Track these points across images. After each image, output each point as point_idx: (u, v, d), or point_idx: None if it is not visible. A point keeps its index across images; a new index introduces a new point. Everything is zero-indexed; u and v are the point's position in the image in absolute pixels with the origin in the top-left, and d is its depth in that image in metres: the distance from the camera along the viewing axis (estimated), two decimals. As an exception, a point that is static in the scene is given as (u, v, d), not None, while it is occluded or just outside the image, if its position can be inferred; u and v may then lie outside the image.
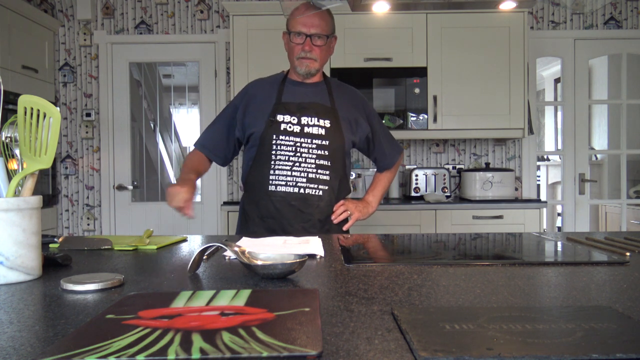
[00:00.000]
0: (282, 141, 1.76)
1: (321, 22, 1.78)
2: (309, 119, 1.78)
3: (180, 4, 3.77)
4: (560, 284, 0.90)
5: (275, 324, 0.62)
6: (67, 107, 3.79)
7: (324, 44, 1.79)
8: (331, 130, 1.78)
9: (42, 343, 0.58)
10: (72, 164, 3.81)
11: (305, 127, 1.77)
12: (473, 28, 3.38)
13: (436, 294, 0.82)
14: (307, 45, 1.77)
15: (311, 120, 1.78)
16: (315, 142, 1.76)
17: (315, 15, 1.77)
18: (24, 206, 0.92)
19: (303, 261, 0.95)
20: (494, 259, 1.16)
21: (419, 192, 3.42)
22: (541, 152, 5.52)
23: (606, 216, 4.64)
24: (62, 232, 3.81)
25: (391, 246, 1.41)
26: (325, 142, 1.77)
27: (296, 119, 1.77)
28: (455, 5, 2.04)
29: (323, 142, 1.77)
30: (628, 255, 1.14)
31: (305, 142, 1.76)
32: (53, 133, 0.98)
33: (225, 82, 3.75)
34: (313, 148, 1.76)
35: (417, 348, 0.53)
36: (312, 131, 1.77)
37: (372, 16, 3.33)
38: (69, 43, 3.78)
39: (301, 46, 1.78)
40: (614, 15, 3.79)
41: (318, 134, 1.77)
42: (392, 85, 3.39)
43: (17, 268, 0.91)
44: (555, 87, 5.71)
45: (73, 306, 0.75)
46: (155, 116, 4.10)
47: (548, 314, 0.66)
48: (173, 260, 1.15)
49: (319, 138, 1.77)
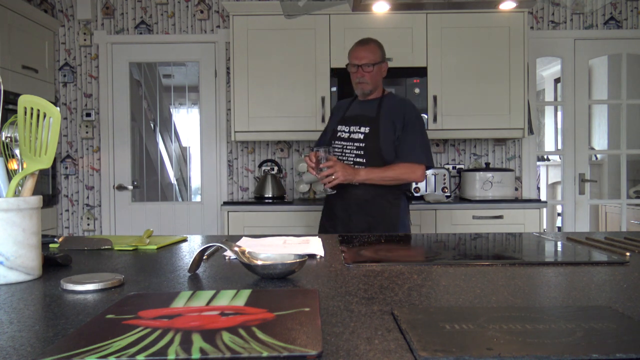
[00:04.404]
0: (336, 145, 2.29)
1: (368, 54, 2.25)
2: (354, 127, 2.27)
3: (180, 4, 3.77)
4: (560, 284, 0.90)
5: (275, 324, 0.62)
6: (67, 107, 3.79)
7: (372, 70, 2.25)
8: (369, 135, 2.22)
9: (42, 343, 0.58)
10: (72, 164, 3.81)
11: (351, 134, 2.27)
12: (473, 28, 3.38)
13: (436, 294, 0.82)
14: (359, 73, 2.25)
15: (355, 129, 2.26)
16: (356, 144, 2.23)
17: (363, 49, 2.26)
18: (24, 206, 0.92)
19: (303, 261, 0.95)
20: (494, 259, 1.16)
21: (419, 192, 3.42)
22: (541, 152, 5.52)
23: (606, 216, 4.64)
24: (62, 232, 3.81)
25: (391, 246, 1.41)
26: (362, 144, 2.22)
27: (347, 128, 2.29)
28: (455, 5, 2.05)
29: (361, 144, 2.22)
30: (628, 255, 1.14)
31: (349, 145, 2.25)
32: (53, 133, 0.98)
33: (225, 82, 3.75)
34: (354, 149, 2.24)
35: (417, 348, 0.53)
36: (354, 137, 2.25)
37: (372, 16, 3.33)
38: (69, 43, 3.78)
39: (356, 74, 2.26)
40: (614, 15, 3.79)
41: (358, 138, 2.24)
42: (392, 85, 3.39)
43: (17, 268, 0.91)
44: (555, 87, 5.71)
45: (73, 306, 0.75)
46: (155, 116, 4.10)
47: (548, 314, 0.66)
48: (173, 260, 1.15)
49: (358, 141, 2.23)
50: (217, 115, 3.79)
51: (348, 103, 2.42)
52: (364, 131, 2.24)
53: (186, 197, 4.23)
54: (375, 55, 2.26)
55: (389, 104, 2.28)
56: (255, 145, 3.78)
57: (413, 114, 2.26)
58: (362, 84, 2.27)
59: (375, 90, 2.31)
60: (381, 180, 2.17)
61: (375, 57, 2.26)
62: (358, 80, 2.27)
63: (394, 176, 2.18)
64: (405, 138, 2.22)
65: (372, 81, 2.27)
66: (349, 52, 2.32)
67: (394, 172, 2.18)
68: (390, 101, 2.31)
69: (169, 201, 4.06)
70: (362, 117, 2.28)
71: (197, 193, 4.05)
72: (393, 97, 2.36)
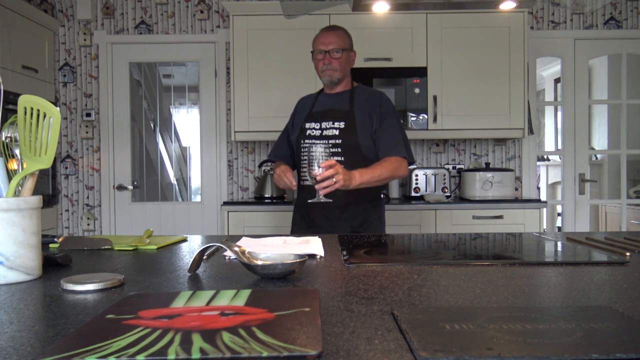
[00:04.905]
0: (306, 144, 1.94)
1: (337, 39, 2.08)
2: (327, 123, 2.08)
3: (180, 4, 3.77)
4: (560, 284, 0.90)
5: (275, 324, 0.62)
6: (67, 107, 3.79)
7: (341, 57, 2.08)
8: (345, 130, 2.04)
9: (42, 343, 0.58)
10: (72, 164, 3.81)
11: (324, 130, 2.07)
12: (473, 28, 3.38)
13: (436, 294, 0.82)
14: (327, 59, 2.07)
15: (328, 124, 2.07)
16: (331, 141, 2.04)
17: (331, 35, 2.09)
18: (24, 206, 0.92)
19: (303, 261, 0.95)
20: (494, 259, 1.16)
21: (419, 192, 3.42)
22: (541, 152, 5.52)
23: (606, 216, 4.64)
24: (62, 232, 3.81)
25: (391, 246, 1.41)
26: (338, 140, 2.04)
27: (318, 125, 2.09)
28: (455, 5, 2.05)
29: (337, 141, 2.04)
30: (628, 255, 1.14)
31: (322, 143, 2.02)
32: (53, 133, 0.98)
33: (225, 82, 3.76)
34: (328, 147, 2.02)
35: (417, 348, 0.53)
36: (328, 133, 2.06)
37: (372, 16, 3.33)
38: (69, 43, 3.78)
39: (322, 61, 2.08)
40: (614, 15, 3.79)
41: (332, 134, 2.05)
42: (392, 85, 3.39)
43: (17, 268, 0.91)
44: (555, 87, 5.71)
45: (73, 306, 0.75)
46: (155, 116, 4.10)
47: (548, 314, 0.66)
48: (173, 260, 1.15)
49: (333, 138, 2.05)
50: (217, 115, 3.79)
51: (313, 98, 2.21)
52: (339, 126, 2.05)
53: (186, 197, 4.23)
54: (344, 41, 2.09)
55: (363, 96, 2.11)
56: (255, 145, 3.78)
57: (390, 106, 2.09)
58: (330, 71, 2.07)
59: (343, 81, 2.13)
60: (376, 181, 1.94)
61: (344, 43, 2.09)
62: (325, 68, 2.07)
63: (388, 174, 1.97)
64: (386, 132, 2.04)
65: (341, 68, 2.08)
66: (314, 39, 2.13)
67: (387, 170, 1.96)
68: (363, 93, 2.13)
69: (169, 201, 4.06)
70: (334, 112, 2.09)
71: (197, 193, 4.05)
72: (365, 88, 2.17)
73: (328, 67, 2.07)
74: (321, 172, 1.71)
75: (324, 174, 1.71)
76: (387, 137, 2.03)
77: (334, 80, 2.10)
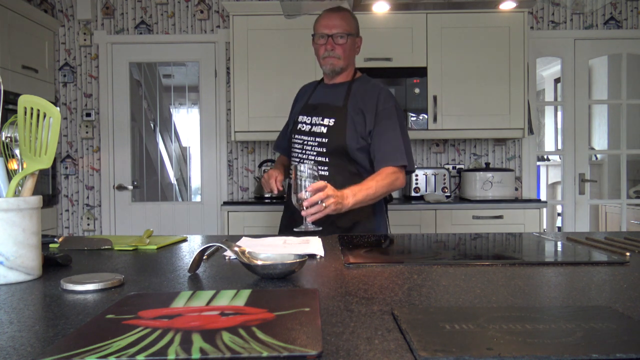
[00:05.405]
0: (296, 139, 1.89)
1: (342, 22, 1.83)
2: (317, 118, 1.86)
3: (180, 4, 3.76)
4: (560, 284, 0.90)
5: (275, 324, 0.62)
6: (67, 107, 3.79)
7: (345, 43, 1.84)
8: (333, 128, 1.82)
9: (42, 343, 0.58)
10: (72, 164, 3.81)
11: (313, 126, 1.86)
12: (473, 28, 3.38)
13: (436, 294, 0.82)
14: (330, 45, 1.83)
15: (318, 120, 1.85)
16: (318, 139, 1.83)
17: (335, 17, 1.84)
18: (24, 206, 0.92)
19: (303, 261, 0.95)
20: (494, 259, 1.16)
21: (419, 192, 3.42)
22: (541, 152, 5.52)
23: (606, 216, 4.64)
24: (62, 232, 3.81)
25: (391, 246, 1.41)
26: (325, 139, 1.82)
27: (309, 119, 1.88)
28: (455, 5, 2.04)
29: (323, 140, 1.82)
30: (628, 255, 1.14)
31: (310, 141, 1.85)
32: (53, 133, 0.98)
33: (225, 82, 3.75)
34: (315, 146, 1.84)
35: (417, 348, 0.53)
36: (316, 130, 1.85)
37: (372, 16, 3.33)
38: (69, 43, 3.78)
39: (324, 46, 1.84)
40: (614, 15, 3.79)
41: (320, 132, 1.84)
42: (392, 85, 3.39)
43: (17, 268, 0.91)
44: (555, 87, 5.71)
45: (73, 306, 0.75)
46: (155, 116, 4.10)
47: (548, 314, 0.66)
48: (173, 260, 1.15)
49: (320, 136, 1.83)
50: (217, 115, 3.79)
51: (312, 88, 1.99)
52: (328, 123, 1.81)
53: (186, 197, 4.23)
54: (349, 25, 1.84)
55: (360, 90, 1.85)
56: (255, 145, 3.78)
57: (389, 103, 1.81)
58: (332, 59, 1.83)
59: (346, 70, 1.89)
60: (371, 200, 1.71)
61: (349, 27, 1.84)
62: (327, 54, 1.83)
63: (384, 190, 1.73)
64: (384, 135, 1.78)
65: (345, 56, 1.84)
66: (316, 20, 1.88)
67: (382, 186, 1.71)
68: (361, 86, 1.86)
69: (169, 201, 4.06)
70: (326, 106, 1.86)
71: (197, 193, 4.05)
72: (366, 80, 1.90)
73: (330, 53, 1.83)
74: (309, 197, 1.47)
75: (312, 199, 1.47)
76: (384, 141, 1.78)
77: (336, 70, 1.86)
